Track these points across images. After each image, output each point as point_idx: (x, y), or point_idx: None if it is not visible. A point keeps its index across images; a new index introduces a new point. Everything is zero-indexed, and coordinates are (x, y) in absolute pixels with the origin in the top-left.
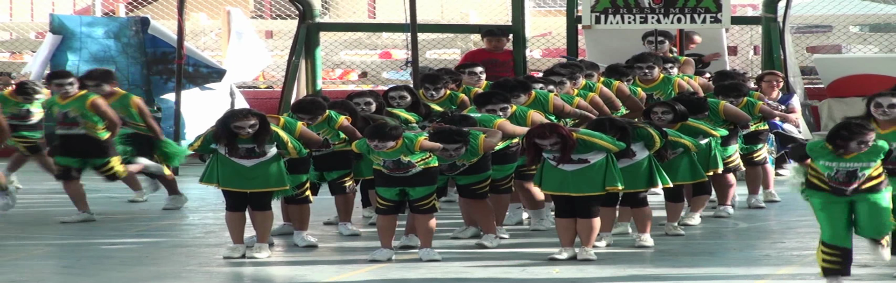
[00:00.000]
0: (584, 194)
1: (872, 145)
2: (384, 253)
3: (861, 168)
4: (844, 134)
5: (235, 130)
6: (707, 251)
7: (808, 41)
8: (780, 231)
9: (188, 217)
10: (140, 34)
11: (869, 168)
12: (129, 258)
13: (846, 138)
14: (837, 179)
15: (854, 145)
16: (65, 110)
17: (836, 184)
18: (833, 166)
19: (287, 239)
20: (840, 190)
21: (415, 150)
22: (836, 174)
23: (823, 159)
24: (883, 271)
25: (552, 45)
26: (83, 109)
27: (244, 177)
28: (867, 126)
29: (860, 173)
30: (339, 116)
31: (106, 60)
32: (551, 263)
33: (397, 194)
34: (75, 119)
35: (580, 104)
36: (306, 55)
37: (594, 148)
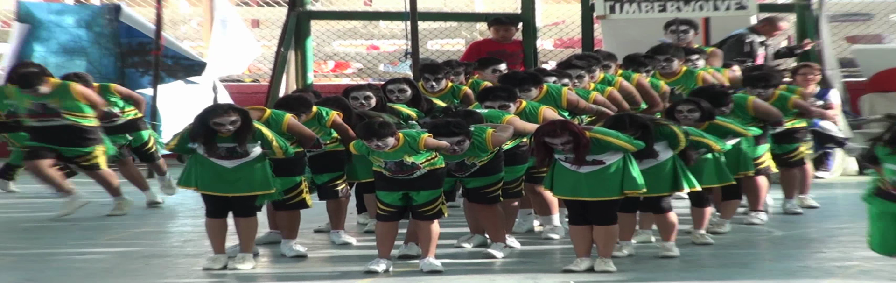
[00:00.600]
0: (600, 199)
1: None
2: (382, 263)
3: None
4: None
5: (214, 127)
6: (738, 261)
7: (846, 30)
8: (820, 240)
9: (165, 224)
10: (114, 23)
11: None
12: (98, 269)
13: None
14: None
15: None
16: (42, 102)
17: None
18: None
19: (273, 249)
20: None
21: (419, 149)
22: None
23: (889, 161)
24: None
25: (565, 35)
26: (69, 99)
27: (225, 180)
28: None
29: None
30: (329, 113)
31: (76, 52)
32: (566, 275)
33: (400, 199)
34: (55, 110)
35: (597, 99)
36: (296, 46)
37: (610, 148)
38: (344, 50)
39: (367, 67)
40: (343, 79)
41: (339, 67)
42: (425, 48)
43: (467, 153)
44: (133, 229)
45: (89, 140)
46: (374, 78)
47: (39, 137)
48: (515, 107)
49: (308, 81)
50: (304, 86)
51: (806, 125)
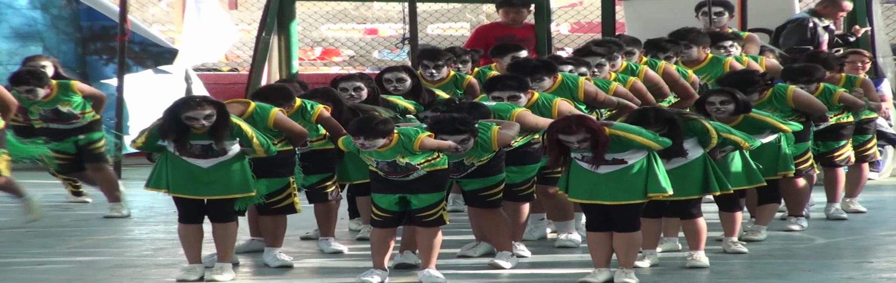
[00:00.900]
0: (620, 203)
1: None
2: (376, 275)
3: None
4: None
5: (187, 122)
6: (775, 272)
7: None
8: (867, 248)
9: (133, 231)
10: (73, 4)
11: None
12: (59, 280)
13: None
14: None
15: None
16: (52, 107)
17: None
18: None
19: (255, 258)
20: None
21: (414, 150)
22: None
23: None
24: None
25: (583, 19)
26: (74, 98)
27: (200, 181)
28: None
29: None
30: (315, 107)
31: (31, 36)
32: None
33: (397, 203)
34: (70, 113)
35: (618, 91)
36: (279, 30)
37: (633, 146)
38: (333, 35)
39: (360, 54)
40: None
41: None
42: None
43: (468, 153)
44: (98, 236)
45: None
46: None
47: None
48: (527, 99)
49: (293, 70)
50: (288, 75)
51: (852, 120)
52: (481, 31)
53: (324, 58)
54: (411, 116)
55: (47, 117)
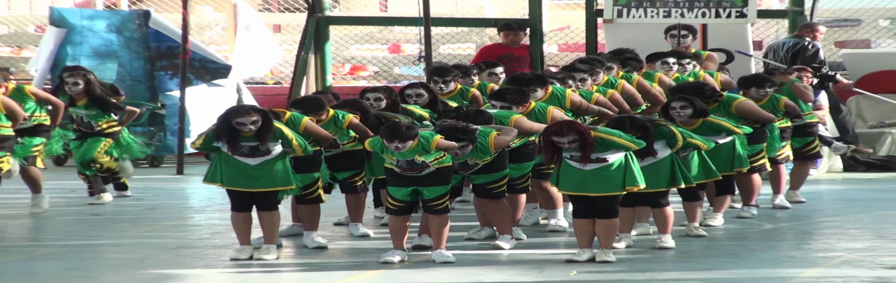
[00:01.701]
0: (603, 194)
1: None
2: (397, 254)
3: None
4: None
5: (237, 127)
6: (730, 252)
7: (835, 36)
8: (806, 233)
9: (194, 217)
10: (143, 28)
11: None
12: (132, 259)
13: None
14: None
15: None
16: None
17: None
18: None
19: (296, 240)
20: None
21: (430, 149)
22: None
23: None
24: None
25: (570, 40)
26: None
27: (249, 176)
28: None
29: None
30: (345, 116)
31: (107, 55)
32: (569, 265)
33: (409, 194)
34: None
35: (599, 100)
36: (315, 50)
37: (613, 147)
38: (361, 54)
39: (383, 69)
40: (360, 81)
41: (355, 69)
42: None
43: (468, 155)
44: (164, 222)
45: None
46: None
47: None
48: (525, 107)
49: (327, 84)
50: (323, 88)
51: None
52: (485, 50)
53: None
54: (427, 122)
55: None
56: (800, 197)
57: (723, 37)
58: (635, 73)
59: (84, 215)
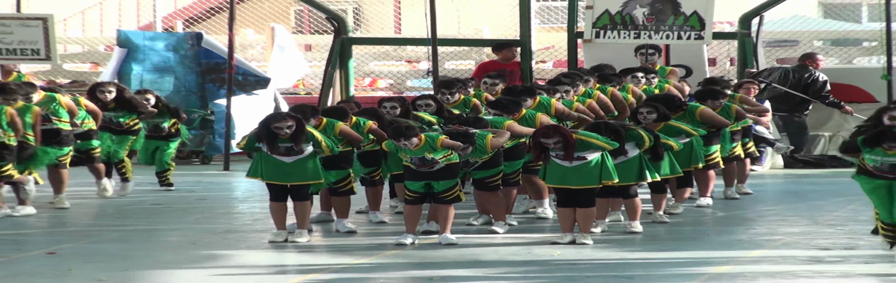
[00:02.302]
0: (582, 187)
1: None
2: (409, 237)
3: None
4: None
5: (275, 130)
6: (689, 236)
7: (777, 54)
8: (752, 219)
9: (238, 207)
10: (195, 47)
11: None
12: (186, 241)
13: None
14: (882, 169)
15: (885, 147)
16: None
17: (880, 173)
18: (878, 160)
19: (324, 226)
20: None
21: (437, 147)
22: (881, 166)
23: (871, 153)
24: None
25: (554, 57)
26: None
27: (284, 172)
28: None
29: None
30: (366, 122)
31: (165, 70)
32: (553, 246)
33: (423, 187)
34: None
35: (578, 108)
36: (340, 66)
37: (591, 147)
38: (379, 69)
39: (397, 82)
40: (378, 92)
41: (374, 82)
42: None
43: (470, 155)
44: (213, 211)
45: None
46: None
47: None
48: (518, 114)
49: (350, 94)
50: (346, 98)
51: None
52: (483, 66)
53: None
54: (435, 126)
55: None
56: (747, 189)
57: (683, 55)
58: (615, 86)
59: (145, 204)
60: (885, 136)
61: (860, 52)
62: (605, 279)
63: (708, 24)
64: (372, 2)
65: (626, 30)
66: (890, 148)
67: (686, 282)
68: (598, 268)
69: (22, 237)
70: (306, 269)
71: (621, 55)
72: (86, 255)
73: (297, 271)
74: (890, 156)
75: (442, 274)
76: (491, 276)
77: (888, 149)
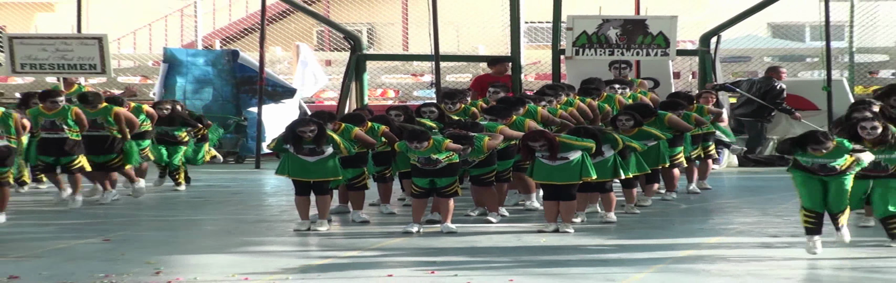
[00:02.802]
0: (565, 183)
1: (836, 149)
2: (415, 226)
3: (830, 162)
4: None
5: (299, 133)
6: (656, 225)
7: (732, 68)
8: (711, 211)
9: (268, 200)
10: (231, 62)
11: (837, 162)
12: (222, 230)
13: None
14: (813, 168)
15: (810, 150)
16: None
17: (811, 171)
18: (809, 161)
19: (342, 216)
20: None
21: (442, 150)
22: (812, 166)
23: (802, 156)
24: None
25: (541, 71)
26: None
27: (308, 170)
28: (826, 137)
29: (831, 166)
30: (379, 127)
31: (205, 82)
32: (540, 234)
33: (428, 183)
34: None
35: (562, 115)
36: (356, 78)
37: (572, 148)
38: (389, 81)
39: (405, 92)
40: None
41: (385, 93)
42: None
43: (469, 155)
44: (246, 203)
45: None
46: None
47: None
48: (509, 120)
49: (364, 103)
50: (361, 106)
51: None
52: (478, 78)
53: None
54: (436, 130)
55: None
56: (707, 185)
57: (651, 69)
58: (595, 98)
59: (187, 198)
60: (809, 139)
61: (804, 66)
62: (584, 262)
63: (672, 43)
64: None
65: (601, 48)
66: (814, 150)
67: (654, 265)
68: (578, 253)
69: (80, 226)
70: (326, 253)
71: (598, 69)
72: (136, 241)
73: (319, 255)
74: (818, 157)
75: (443, 259)
76: (486, 259)
77: (813, 151)
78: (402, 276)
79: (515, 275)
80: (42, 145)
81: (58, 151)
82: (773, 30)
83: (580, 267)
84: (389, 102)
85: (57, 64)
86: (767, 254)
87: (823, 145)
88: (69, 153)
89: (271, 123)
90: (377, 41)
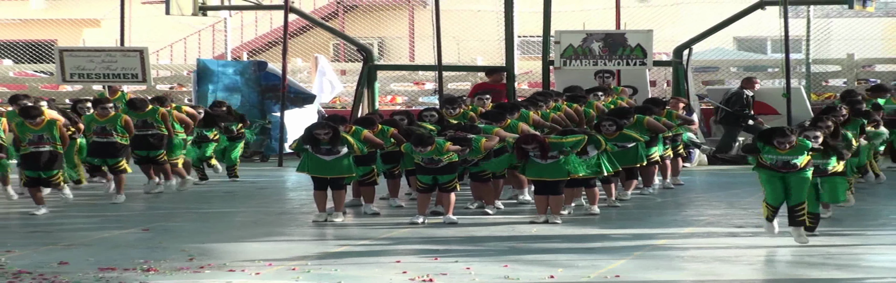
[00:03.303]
0: (554, 179)
1: (798, 146)
2: (420, 217)
3: (792, 159)
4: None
5: (316, 135)
6: (635, 217)
7: (702, 77)
8: (684, 204)
9: (289, 194)
10: (257, 72)
11: (798, 160)
12: (249, 221)
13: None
14: (776, 165)
15: (776, 144)
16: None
17: (775, 168)
18: (773, 158)
19: (355, 209)
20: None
21: (443, 151)
22: (776, 163)
23: (768, 153)
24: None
25: (532, 80)
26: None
27: (325, 167)
28: (791, 131)
29: (793, 163)
30: (389, 129)
31: (234, 89)
32: (531, 225)
33: (431, 179)
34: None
35: (552, 118)
36: (368, 86)
37: (562, 147)
38: (397, 88)
39: (411, 98)
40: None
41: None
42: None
43: (468, 155)
44: (270, 197)
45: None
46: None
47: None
48: (504, 123)
49: (375, 108)
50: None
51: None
52: (477, 86)
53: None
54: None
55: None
56: (680, 181)
57: (630, 77)
58: (581, 104)
59: (218, 193)
60: (775, 133)
61: (766, 76)
62: (571, 249)
63: (649, 54)
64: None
65: (586, 59)
66: (780, 144)
67: (634, 252)
68: (565, 241)
69: (122, 218)
70: (341, 242)
71: (583, 78)
72: (173, 231)
73: (335, 244)
74: (782, 154)
75: (445, 247)
76: (482, 247)
77: (779, 144)
78: (408, 262)
79: (509, 261)
80: (93, 148)
81: (106, 153)
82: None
83: (567, 254)
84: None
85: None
86: (734, 242)
87: (788, 138)
88: (116, 156)
89: (293, 125)
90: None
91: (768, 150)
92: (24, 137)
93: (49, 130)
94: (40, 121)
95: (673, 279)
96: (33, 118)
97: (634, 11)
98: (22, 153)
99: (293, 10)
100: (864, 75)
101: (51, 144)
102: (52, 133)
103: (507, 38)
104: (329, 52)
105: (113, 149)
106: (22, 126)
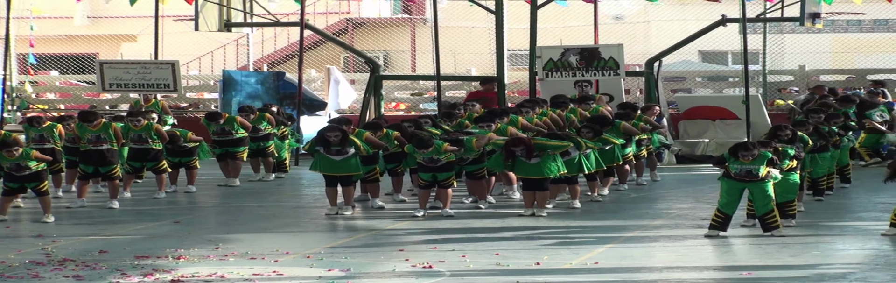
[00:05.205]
0: (540, 177)
1: (759, 156)
2: (421, 211)
3: (755, 169)
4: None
5: (327, 138)
6: (612, 210)
7: (671, 86)
8: (655, 199)
9: (304, 190)
10: (277, 82)
11: (760, 169)
12: (268, 214)
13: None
14: (740, 174)
15: (740, 156)
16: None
17: (738, 177)
18: (738, 167)
19: (362, 203)
20: (742, 180)
21: (441, 152)
22: (740, 172)
23: (733, 163)
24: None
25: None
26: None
27: (335, 166)
28: (753, 146)
29: (755, 172)
30: (393, 133)
31: (255, 97)
32: (519, 217)
33: (430, 177)
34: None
35: (538, 123)
36: (374, 94)
37: (546, 148)
38: (400, 96)
39: (413, 105)
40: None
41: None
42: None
43: (463, 153)
44: (287, 193)
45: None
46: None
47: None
48: (495, 127)
49: (380, 114)
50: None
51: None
52: (471, 94)
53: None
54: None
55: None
56: (657, 177)
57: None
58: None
59: (239, 188)
60: (740, 147)
61: (727, 85)
62: (555, 240)
63: (621, 66)
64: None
65: (565, 71)
66: (743, 157)
67: (611, 241)
68: (550, 232)
69: (155, 211)
70: (350, 232)
71: (565, 87)
72: (200, 223)
73: (345, 235)
74: (746, 164)
75: (443, 237)
76: (476, 237)
77: (743, 157)
78: (410, 250)
79: (500, 249)
80: (132, 154)
81: (144, 158)
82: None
83: (552, 243)
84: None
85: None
86: (699, 233)
87: (751, 151)
88: (154, 160)
89: (308, 129)
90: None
91: (733, 161)
92: (84, 137)
93: (105, 130)
94: (98, 123)
95: (645, 266)
96: (91, 122)
97: (611, 28)
98: (82, 150)
99: (308, 26)
100: (813, 84)
101: (108, 142)
102: (108, 133)
103: (498, 52)
104: (340, 63)
105: (149, 154)
106: (81, 128)
